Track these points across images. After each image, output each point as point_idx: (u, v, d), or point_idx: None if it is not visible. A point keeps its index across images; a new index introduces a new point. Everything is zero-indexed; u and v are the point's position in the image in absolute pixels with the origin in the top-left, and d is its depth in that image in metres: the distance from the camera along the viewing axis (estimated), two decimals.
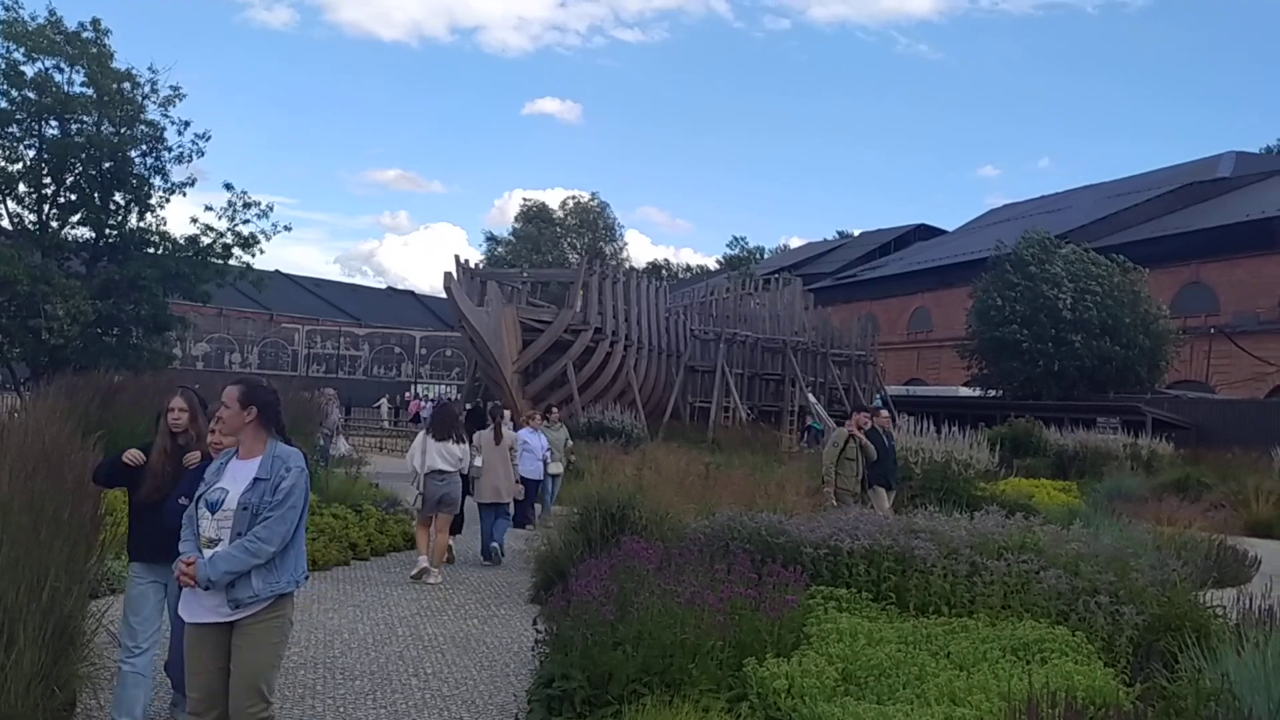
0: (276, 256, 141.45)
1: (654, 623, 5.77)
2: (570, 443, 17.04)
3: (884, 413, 14.29)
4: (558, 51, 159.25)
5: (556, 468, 15.55)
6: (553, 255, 69.33)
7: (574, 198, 76.84)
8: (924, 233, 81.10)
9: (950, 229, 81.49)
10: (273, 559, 4.25)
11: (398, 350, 60.30)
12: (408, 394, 50.66)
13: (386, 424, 41.49)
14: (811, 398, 35.65)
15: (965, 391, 44.79)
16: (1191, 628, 6.34)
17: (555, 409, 18.21)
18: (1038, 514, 10.18)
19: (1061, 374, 37.21)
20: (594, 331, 29.77)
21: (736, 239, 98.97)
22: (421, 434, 11.32)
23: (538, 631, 6.28)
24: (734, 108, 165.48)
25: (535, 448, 14.64)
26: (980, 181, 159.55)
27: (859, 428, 12.54)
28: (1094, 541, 8.02)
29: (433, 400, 43.61)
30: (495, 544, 11.89)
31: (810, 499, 12.61)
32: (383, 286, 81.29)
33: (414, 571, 10.49)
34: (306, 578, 4.51)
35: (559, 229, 73.39)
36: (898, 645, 6.07)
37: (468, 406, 17.94)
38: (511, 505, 12.77)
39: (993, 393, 41.40)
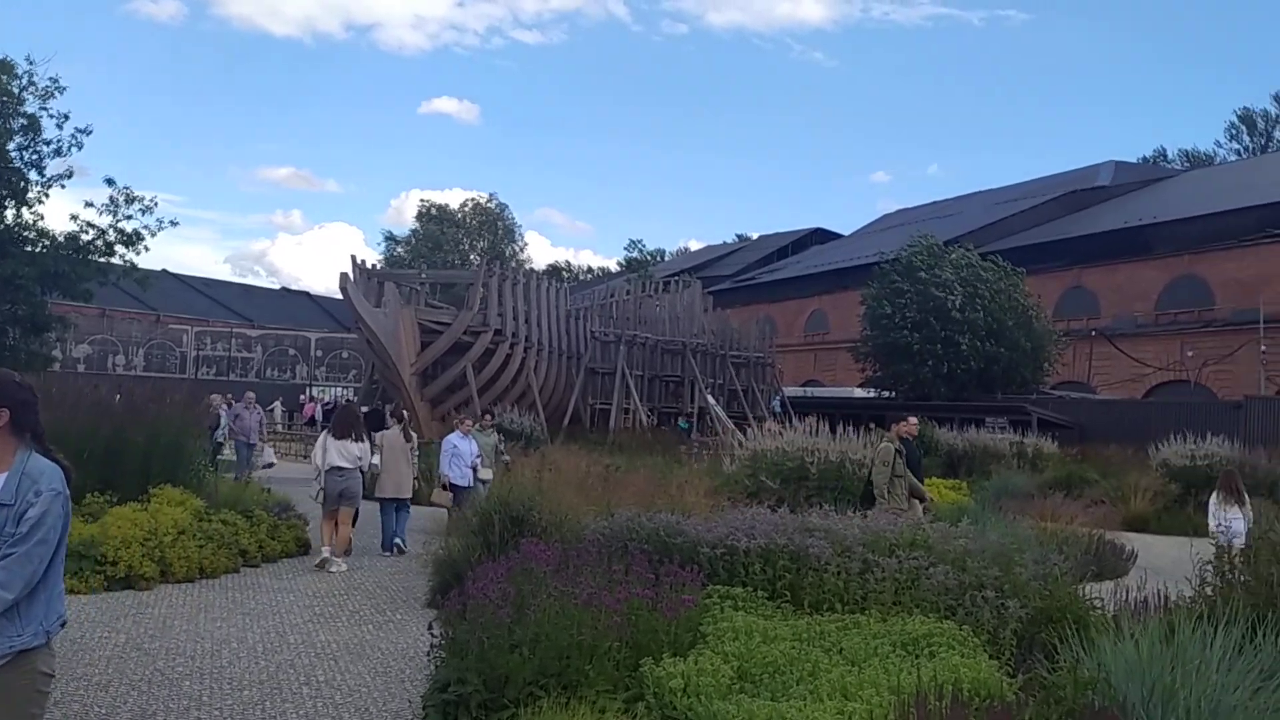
0: (164, 255, 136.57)
1: (551, 624, 5.76)
2: (504, 445, 16.38)
3: (912, 420, 13.44)
4: (456, 51, 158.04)
5: (486, 473, 14.39)
6: (453, 256, 68.62)
7: (473, 198, 76.25)
8: (820, 236, 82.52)
9: (846, 233, 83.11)
10: (15, 606, 3.31)
11: (292, 352, 58.93)
12: (303, 396, 49.58)
13: (280, 427, 40.52)
14: (711, 399, 35.97)
15: (860, 393, 45.69)
16: (1072, 620, 6.56)
17: (489, 414, 17.62)
18: (928, 512, 10.43)
19: (951, 376, 38.21)
20: (494, 333, 29.57)
21: (634, 242, 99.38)
22: (324, 433, 12.11)
23: (433, 636, 6.20)
24: (633, 111, 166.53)
25: (465, 453, 13.81)
26: (873, 187, 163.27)
27: (900, 436, 12.00)
28: (981, 538, 8.26)
29: (328, 403, 42.88)
30: (398, 539, 12.63)
31: (709, 499, 12.71)
32: (276, 287, 79.48)
33: (316, 561, 11.26)
34: (63, 624, 3.60)
35: (459, 230, 72.64)
36: (792, 642, 6.15)
37: (364, 409, 17.67)
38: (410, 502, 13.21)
39: (886, 394, 42.32)
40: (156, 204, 26.98)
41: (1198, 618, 5.85)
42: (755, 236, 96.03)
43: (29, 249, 25.55)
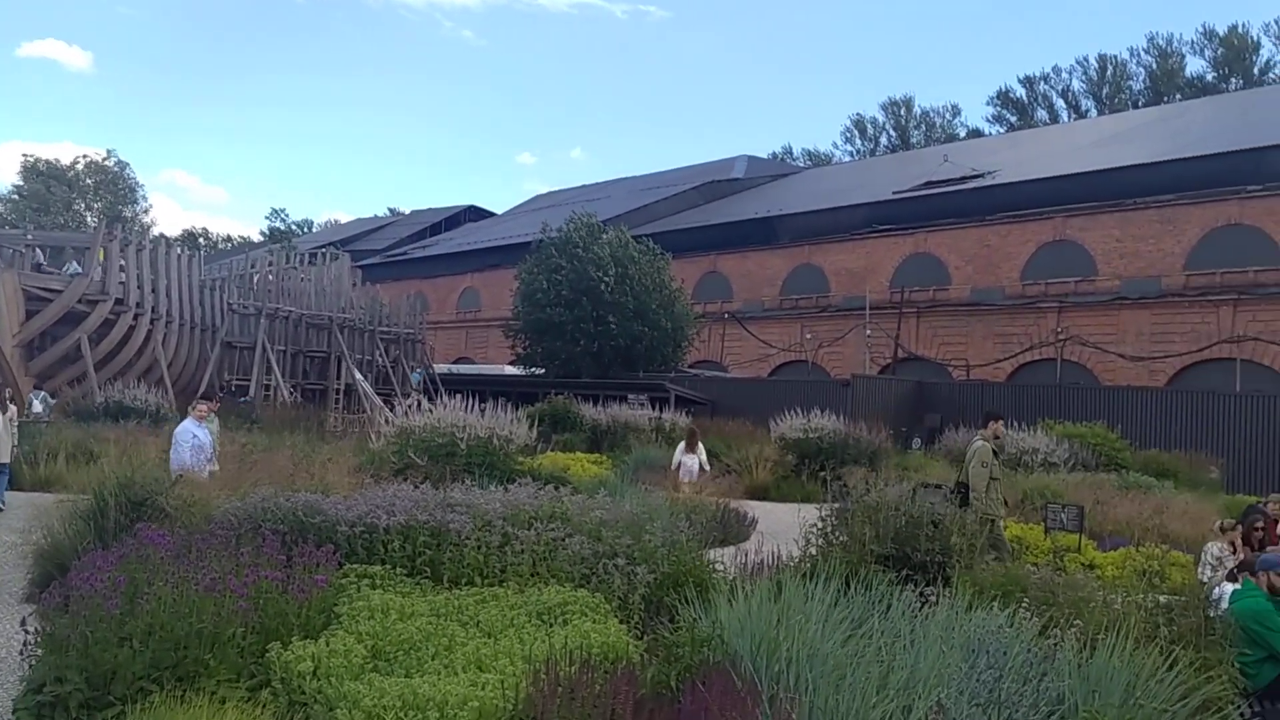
0: None
1: (167, 614, 5.40)
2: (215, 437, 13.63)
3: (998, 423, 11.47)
4: None
5: (214, 466, 12.31)
6: (65, 217, 62.10)
7: (88, 155, 69.27)
8: (474, 214, 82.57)
9: (498, 211, 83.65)
10: None
11: None
12: None
13: None
14: (359, 375, 35.05)
15: (511, 370, 46.20)
16: (695, 583, 7.03)
17: (217, 397, 14.93)
18: (570, 485, 10.74)
19: (599, 354, 39.53)
20: (114, 302, 27.14)
21: (276, 211, 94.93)
22: None
23: (26, 632, 5.58)
24: (273, 74, 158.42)
25: (206, 443, 12.07)
26: (519, 167, 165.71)
27: (996, 437, 10.88)
28: (616, 508, 8.62)
29: None
30: None
31: (353, 478, 12.34)
32: None
33: None
34: None
35: (71, 189, 65.80)
36: (429, 618, 6.14)
37: None
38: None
39: (537, 371, 43.10)
40: None
41: (802, 575, 6.46)
42: (408, 211, 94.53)
43: None
